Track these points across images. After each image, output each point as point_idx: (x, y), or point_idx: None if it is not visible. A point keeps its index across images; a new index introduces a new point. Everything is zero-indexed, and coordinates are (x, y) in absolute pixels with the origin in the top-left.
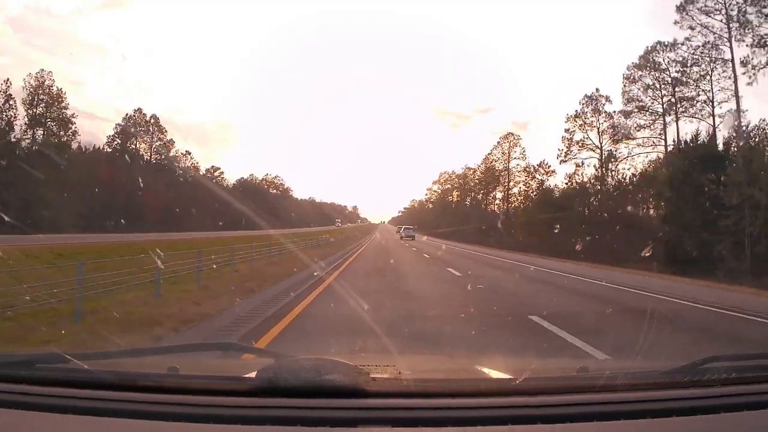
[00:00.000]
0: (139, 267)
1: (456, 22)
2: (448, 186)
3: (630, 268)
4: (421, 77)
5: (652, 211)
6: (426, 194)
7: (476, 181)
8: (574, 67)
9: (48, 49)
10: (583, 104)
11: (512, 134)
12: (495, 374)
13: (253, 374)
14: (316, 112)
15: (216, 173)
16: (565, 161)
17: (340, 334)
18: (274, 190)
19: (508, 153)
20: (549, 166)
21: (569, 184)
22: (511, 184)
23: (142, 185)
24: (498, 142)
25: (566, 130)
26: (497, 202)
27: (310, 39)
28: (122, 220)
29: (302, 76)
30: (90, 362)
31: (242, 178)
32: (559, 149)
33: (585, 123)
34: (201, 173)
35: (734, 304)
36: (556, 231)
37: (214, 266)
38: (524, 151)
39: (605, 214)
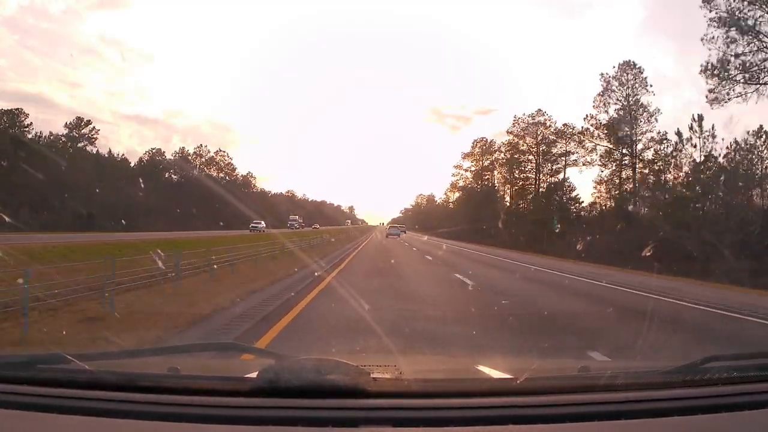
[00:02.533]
0: None
1: (456, 22)
2: (488, 160)
3: None
4: (421, 79)
5: None
6: (454, 175)
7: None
8: (575, 68)
9: (44, 50)
10: None
11: None
12: (496, 374)
13: (254, 374)
14: (314, 113)
15: (86, 130)
16: None
17: None
18: (221, 174)
19: None
20: None
21: None
22: None
23: None
24: None
25: None
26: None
27: (309, 40)
28: None
29: (301, 77)
30: (91, 363)
31: (154, 148)
32: None
33: None
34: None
35: None
36: None
37: None
38: None
39: None
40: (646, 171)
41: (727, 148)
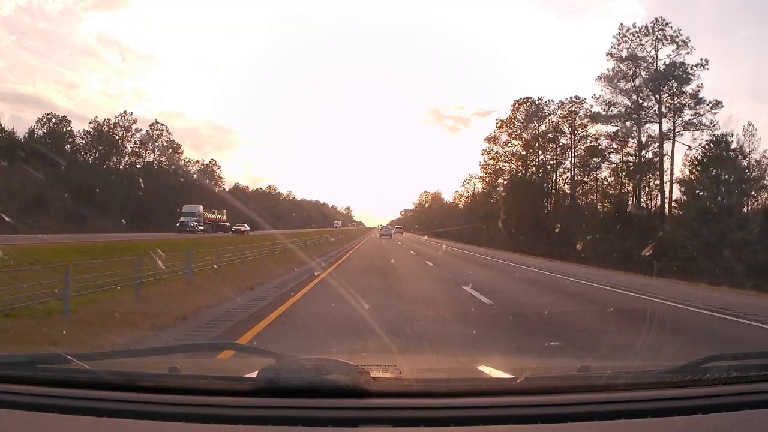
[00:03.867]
0: None
1: (456, 23)
2: (533, 131)
3: None
4: (420, 79)
5: None
6: (484, 153)
7: None
8: (576, 70)
9: (42, 51)
10: None
11: None
12: (496, 374)
13: (254, 374)
14: (314, 114)
15: None
16: None
17: None
18: (160, 159)
19: None
20: None
21: None
22: None
23: None
24: None
25: None
26: None
27: (308, 41)
28: None
29: (300, 78)
30: (91, 362)
31: (50, 114)
32: None
33: None
34: None
35: None
36: None
37: None
38: None
39: None
40: None
41: None
